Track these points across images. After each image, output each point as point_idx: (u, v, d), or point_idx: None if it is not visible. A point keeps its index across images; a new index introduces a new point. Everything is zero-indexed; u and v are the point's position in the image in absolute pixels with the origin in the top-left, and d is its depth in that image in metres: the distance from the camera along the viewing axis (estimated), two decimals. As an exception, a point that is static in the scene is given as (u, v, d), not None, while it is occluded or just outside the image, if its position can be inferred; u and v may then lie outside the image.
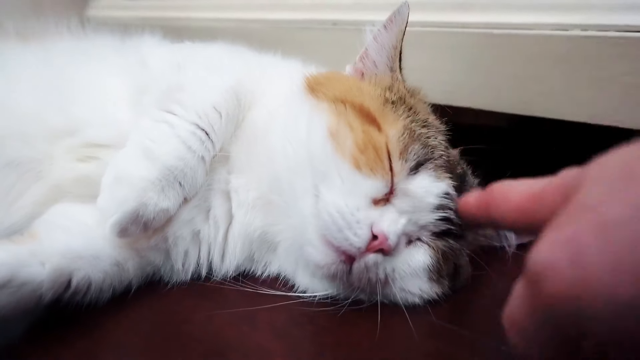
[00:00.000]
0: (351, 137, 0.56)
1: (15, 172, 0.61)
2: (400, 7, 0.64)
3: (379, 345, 0.52)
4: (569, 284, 0.27)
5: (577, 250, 0.27)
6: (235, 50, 0.74)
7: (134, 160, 0.55)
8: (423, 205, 0.55)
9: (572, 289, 0.27)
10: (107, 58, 0.71)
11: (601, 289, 0.26)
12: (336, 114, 0.58)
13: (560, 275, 0.27)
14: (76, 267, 0.52)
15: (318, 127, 0.58)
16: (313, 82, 0.64)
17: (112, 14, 1.55)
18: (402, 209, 0.55)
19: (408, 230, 0.55)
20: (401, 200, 0.55)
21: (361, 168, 0.54)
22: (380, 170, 0.55)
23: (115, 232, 0.53)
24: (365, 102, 0.59)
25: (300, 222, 0.56)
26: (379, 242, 0.52)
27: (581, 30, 0.73)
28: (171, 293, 0.60)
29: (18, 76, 0.66)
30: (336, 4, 1.07)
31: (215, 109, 0.59)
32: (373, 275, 0.54)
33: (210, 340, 0.52)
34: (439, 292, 0.58)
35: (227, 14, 1.27)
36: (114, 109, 0.64)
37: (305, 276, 0.60)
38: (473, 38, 0.86)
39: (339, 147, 0.55)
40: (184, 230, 0.60)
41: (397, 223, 0.54)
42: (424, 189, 0.55)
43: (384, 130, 0.57)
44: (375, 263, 0.53)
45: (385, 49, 0.66)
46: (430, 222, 0.56)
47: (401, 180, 0.55)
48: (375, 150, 0.55)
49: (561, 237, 0.28)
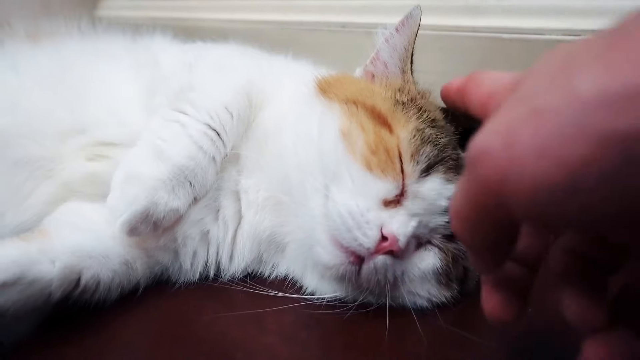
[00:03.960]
0: (363, 137, 0.56)
1: (25, 171, 0.61)
2: (412, 10, 0.64)
3: (387, 349, 0.52)
4: (500, 166, 0.27)
5: (510, 135, 0.27)
6: (247, 51, 0.74)
7: (145, 160, 0.55)
8: (434, 208, 0.55)
9: (502, 170, 0.27)
10: (118, 57, 0.71)
11: (527, 172, 0.26)
12: (348, 115, 0.58)
13: (493, 158, 0.28)
14: (85, 266, 0.52)
15: (330, 127, 0.58)
16: (324, 83, 0.64)
17: (122, 14, 1.56)
18: (413, 211, 0.54)
19: (418, 233, 0.55)
20: (412, 202, 0.55)
21: (372, 169, 0.54)
22: (391, 172, 0.54)
23: (125, 230, 0.53)
24: (376, 104, 0.59)
25: (310, 222, 0.56)
26: (389, 244, 0.52)
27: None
28: (178, 293, 0.60)
29: (29, 75, 0.67)
30: (345, 6, 1.07)
31: (226, 109, 0.59)
32: (382, 277, 0.54)
33: (217, 341, 0.52)
34: (447, 296, 0.58)
35: (237, 15, 1.28)
36: (125, 108, 0.64)
37: (313, 278, 0.60)
38: (483, 42, 0.85)
39: (351, 147, 0.55)
40: (193, 230, 0.60)
41: (408, 225, 0.53)
42: (435, 191, 0.55)
43: (395, 132, 0.57)
44: (384, 265, 0.53)
45: (396, 51, 0.66)
46: (441, 225, 0.56)
47: (412, 182, 0.55)
48: (387, 152, 0.55)
49: (497, 124, 0.29)
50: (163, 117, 0.59)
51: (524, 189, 0.26)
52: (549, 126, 0.26)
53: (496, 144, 0.28)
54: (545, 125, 0.26)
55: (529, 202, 0.27)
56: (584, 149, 0.24)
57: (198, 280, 0.62)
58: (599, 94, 0.25)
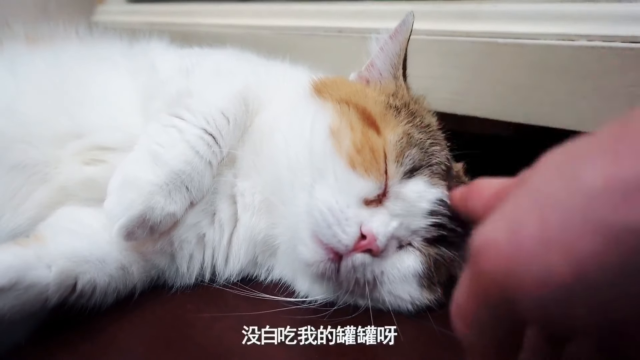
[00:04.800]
0: (350, 136, 0.56)
1: (22, 175, 0.61)
2: (406, 16, 0.66)
3: (383, 352, 0.52)
4: (504, 258, 0.26)
5: (515, 227, 0.26)
6: (244, 56, 0.75)
7: (142, 164, 0.55)
8: (415, 210, 0.56)
9: (507, 262, 0.26)
10: (115, 62, 0.72)
11: (533, 265, 0.24)
12: (339, 114, 0.59)
13: (497, 250, 0.26)
14: (82, 271, 0.52)
15: (321, 124, 0.58)
16: (320, 84, 0.65)
17: (119, 19, 1.56)
18: (395, 212, 0.55)
19: (399, 234, 0.55)
20: (394, 203, 0.55)
21: (356, 167, 0.55)
22: (374, 172, 0.55)
23: (121, 235, 0.53)
24: (368, 106, 0.60)
25: (294, 220, 0.57)
26: (367, 242, 0.52)
27: (587, 40, 0.73)
28: (174, 297, 0.60)
29: (26, 79, 0.67)
30: (342, 11, 1.08)
31: (223, 114, 0.60)
32: (361, 275, 0.54)
33: (213, 345, 0.52)
34: (431, 299, 0.58)
35: (234, 21, 1.28)
36: (122, 112, 0.64)
37: (304, 282, 0.60)
38: (478, 47, 0.86)
39: (338, 145, 0.56)
40: (190, 233, 0.60)
41: (388, 225, 0.54)
42: (417, 193, 0.56)
43: (383, 134, 0.58)
44: (362, 263, 0.53)
45: (389, 58, 0.67)
46: (422, 228, 0.56)
47: (395, 183, 0.56)
48: (372, 152, 0.56)
49: (501, 216, 0.28)
50: (160, 122, 0.59)
51: (530, 283, 0.25)
52: (555, 217, 0.25)
53: (500, 236, 0.26)
54: (551, 216, 0.25)
55: (534, 299, 0.25)
56: (592, 242, 0.23)
57: (193, 285, 0.62)
58: (607, 185, 0.23)
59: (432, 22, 0.89)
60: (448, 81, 0.87)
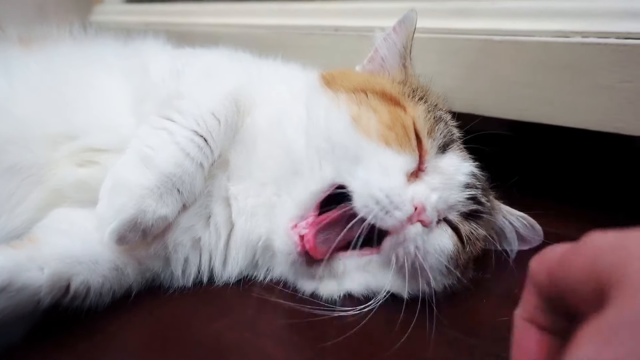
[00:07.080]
0: (376, 117, 0.57)
1: (17, 177, 0.61)
2: (408, 12, 0.67)
3: (380, 351, 0.52)
4: None
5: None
6: (235, 55, 0.75)
7: (132, 168, 0.55)
8: (453, 183, 0.57)
9: None
10: (108, 63, 0.72)
11: None
12: (356, 102, 0.59)
13: None
14: (75, 272, 0.52)
15: (340, 115, 0.58)
16: (328, 76, 0.66)
17: (116, 18, 1.56)
18: (434, 186, 0.56)
19: (439, 208, 0.56)
20: (432, 177, 0.56)
21: (391, 144, 0.55)
22: (407, 147, 0.56)
23: (113, 239, 0.53)
24: (386, 88, 0.62)
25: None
26: (418, 213, 0.53)
27: (582, 37, 0.73)
28: (173, 298, 0.60)
29: (20, 81, 0.67)
30: (338, 10, 1.07)
31: (213, 115, 0.59)
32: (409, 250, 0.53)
33: (211, 345, 0.52)
34: (447, 284, 0.58)
35: (230, 20, 1.28)
36: (115, 114, 0.64)
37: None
38: (475, 44, 0.86)
39: (364, 129, 0.56)
40: (184, 237, 0.60)
41: (430, 197, 0.55)
42: (454, 167, 0.57)
43: (409, 111, 0.59)
44: (416, 234, 0.53)
45: (396, 48, 0.68)
46: (459, 201, 0.57)
47: (431, 157, 0.57)
48: (404, 128, 0.56)
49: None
50: (150, 124, 0.59)
51: None
52: None
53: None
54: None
55: None
56: None
57: (192, 285, 0.62)
58: None
59: (428, 19, 0.89)
60: (444, 78, 0.87)
